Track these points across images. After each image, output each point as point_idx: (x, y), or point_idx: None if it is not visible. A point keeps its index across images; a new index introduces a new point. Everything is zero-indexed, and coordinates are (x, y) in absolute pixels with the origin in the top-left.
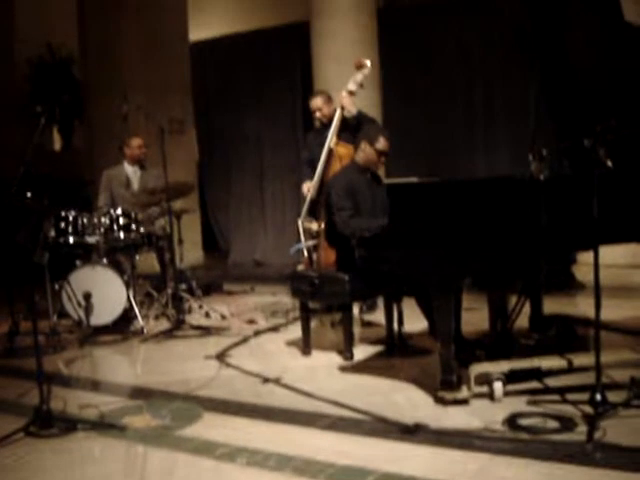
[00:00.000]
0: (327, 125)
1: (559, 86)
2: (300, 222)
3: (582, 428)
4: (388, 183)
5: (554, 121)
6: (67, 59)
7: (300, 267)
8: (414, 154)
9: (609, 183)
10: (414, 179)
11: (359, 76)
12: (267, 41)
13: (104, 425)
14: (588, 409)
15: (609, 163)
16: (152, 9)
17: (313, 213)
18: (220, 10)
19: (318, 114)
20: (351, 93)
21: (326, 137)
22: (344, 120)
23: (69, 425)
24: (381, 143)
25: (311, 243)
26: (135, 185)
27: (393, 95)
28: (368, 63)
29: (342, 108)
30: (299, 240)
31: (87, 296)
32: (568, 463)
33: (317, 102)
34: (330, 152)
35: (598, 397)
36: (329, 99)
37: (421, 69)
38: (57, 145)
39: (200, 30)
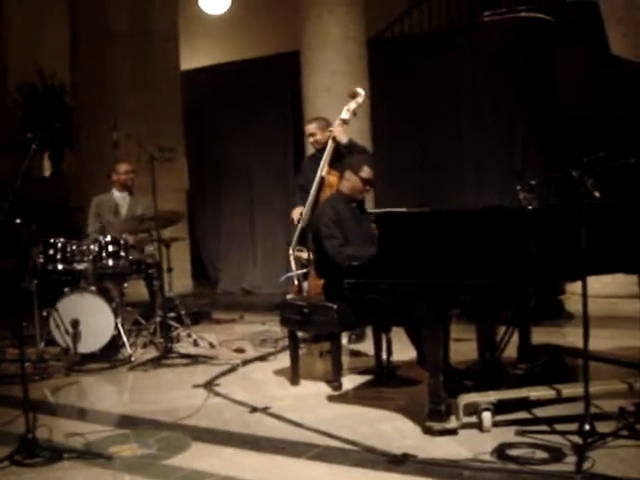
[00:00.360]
0: (322, 151)
1: (547, 117)
2: (291, 251)
3: (571, 459)
4: (378, 212)
5: (542, 152)
6: (59, 87)
7: (289, 296)
8: (403, 184)
9: (597, 214)
10: (404, 209)
11: (353, 105)
12: (258, 70)
13: (90, 454)
14: (577, 439)
15: (597, 194)
16: (144, 37)
17: (304, 241)
18: (213, 39)
19: (311, 139)
20: (344, 122)
21: (320, 164)
22: (337, 149)
23: (55, 454)
24: (365, 172)
25: (301, 272)
26: (124, 212)
27: (383, 125)
28: (362, 92)
29: (334, 138)
30: (289, 269)
31: (75, 323)
32: None
33: (311, 128)
34: (322, 181)
35: (587, 427)
36: (325, 126)
37: (411, 99)
38: (47, 172)
39: (193, 58)
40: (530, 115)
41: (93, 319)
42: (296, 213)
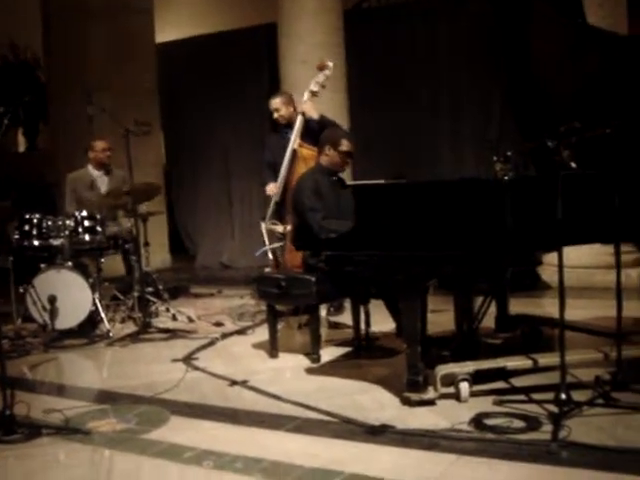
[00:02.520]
0: (287, 126)
1: (524, 88)
2: (264, 225)
3: (547, 427)
4: (354, 184)
5: (519, 122)
6: (32, 60)
7: (268, 269)
8: (380, 156)
9: (573, 184)
10: (381, 181)
11: (321, 77)
12: (235, 43)
13: (69, 430)
14: (553, 408)
15: (573, 164)
16: (118, 9)
17: (277, 215)
18: (188, 10)
19: (276, 114)
20: (313, 94)
21: (288, 139)
22: (307, 124)
23: (33, 430)
24: (345, 145)
25: (276, 245)
26: (102, 189)
27: (360, 97)
28: (330, 64)
29: (303, 114)
30: (264, 243)
31: (52, 299)
32: (533, 462)
33: (275, 103)
34: (294, 154)
35: (563, 396)
36: (289, 100)
37: (388, 70)
38: (22, 147)
39: (168, 30)
40: (507, 85)
41: (70, 295)
42: (271, 189)
